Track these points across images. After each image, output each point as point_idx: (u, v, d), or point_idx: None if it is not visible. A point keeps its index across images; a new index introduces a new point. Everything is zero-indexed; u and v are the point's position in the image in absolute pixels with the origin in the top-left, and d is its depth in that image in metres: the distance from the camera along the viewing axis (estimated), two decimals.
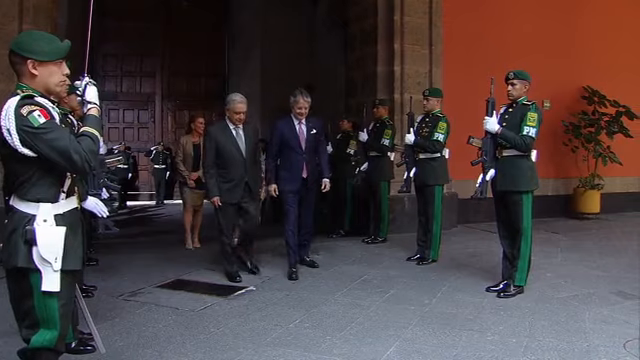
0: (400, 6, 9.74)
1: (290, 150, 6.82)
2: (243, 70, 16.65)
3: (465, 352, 4.39)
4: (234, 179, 6.49)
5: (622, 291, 6.06)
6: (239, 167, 6.50)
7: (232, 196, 6.49)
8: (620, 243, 8.84)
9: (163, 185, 17.56)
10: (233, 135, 6.52)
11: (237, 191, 6.51)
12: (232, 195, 6.49)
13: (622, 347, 4.50)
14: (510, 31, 10.75)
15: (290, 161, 6.85)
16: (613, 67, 11.90)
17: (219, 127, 6.66)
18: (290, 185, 6.83)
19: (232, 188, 6.49)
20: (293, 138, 6.81)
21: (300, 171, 6.83)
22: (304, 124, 6.86)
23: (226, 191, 6.47)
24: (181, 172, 8.79)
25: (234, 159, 6.48)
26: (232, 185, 6.48)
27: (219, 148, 6.46)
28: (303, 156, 6.84)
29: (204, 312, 5.41)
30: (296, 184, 6.82)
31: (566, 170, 11.52)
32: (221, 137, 6.49)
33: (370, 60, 10.07)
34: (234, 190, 6.50)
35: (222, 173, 6.49)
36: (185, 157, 8.76)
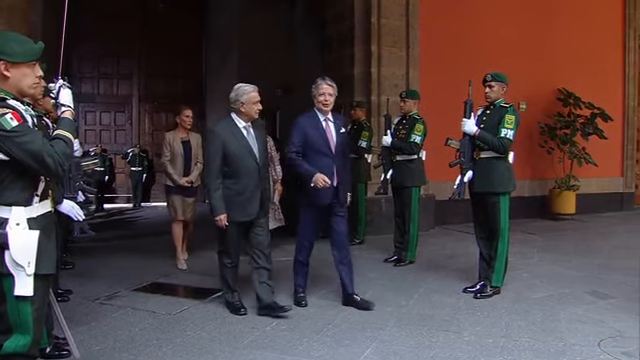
0: (377, 8, 9.77)
1: (316, 153, 5.49)
2: (221, 71, 16.57)
3: (442, 353, 4.42)
4: (246, 190, 5.25)
5: (597, 291, 6.13)
6: (253, 175, 5.27)
7: (244, 212, 5.26)
8: (595, 243, 8.93)
9: (140, 188, 17.45)
10: (244, 135, 5.29)
11: (251, 206, 5.28)
12: (244, 211, 5.26)
13: (597, 346, 4.55)
14: (487, 34, 10.81)
15: (317, 167, 5.43)
16: (588, 69, 12.04)
17: (226, 126, 5.33)
18: (319, 197, 5.48)
19: (244, 202, 5.25)
20: (320, 138, 5.52)
21: (330, 178, 5.44)
22: (331, 120, 5.62)
23: (237, 206, 5.21)
24: (170, 176, 7.46)
25: (247, 166, 5.24)
26: (244, 199, 5.25)
27: (228, 152, 5.17)
28: (334, 160, 5.54)
29: (181, 315, 5.39)
30: (327, 196, 5.48)
31: (542, 171, 11.61)
32: (230, 138, 5.21)
33: (347, 62, 10.09)
34: (247, 205, 5.27)
35: (230, 184, 5.21)
36: (173, 157, 7.46)
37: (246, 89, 5.31)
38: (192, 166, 7.53)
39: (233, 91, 5.34)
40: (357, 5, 9.95)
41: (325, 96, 5.48)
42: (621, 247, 8.63)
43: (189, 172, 7.48)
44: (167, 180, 7.60)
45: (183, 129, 7.61)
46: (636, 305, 5.60)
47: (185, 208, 7.53)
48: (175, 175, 7.40)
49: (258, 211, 5.35)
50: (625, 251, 8.29)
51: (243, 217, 5.29)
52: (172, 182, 7.45)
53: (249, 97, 5.27)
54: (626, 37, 13.03)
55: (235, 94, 5.31)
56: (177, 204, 7.48)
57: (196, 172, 7.53)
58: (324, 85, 5.52)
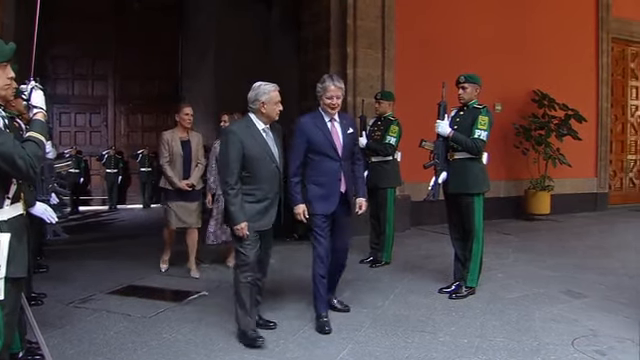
0: (353, 10, 9.78)
1: (322, 157, 5.10)
2: (198, 73, 16.55)
3: (417, 353, 4.44)
4: (267, 198, 4.82)
5: (571, 290, 6.19)
6: (274, 181, 4.86)
7: (264, 221, 4.83)
8: (569, 243, 9.01)
9: (116, 190, 17.38)
10: (263, 137, 4.84)
11: (271, 214, 4.87)
12: (264, 220, 4.83)
13: (570, 345, 4.60)
14: (462, 36, 10.87)
15: (322, 172, 5.11)
16: (562, 71, 12.17)
17: (244, 126, 4.86)
18: (324, 205, 5.09)
19: (264, 210, 4.82)
20: (325, 140, 5.10)
21: (337, 184, 5.12)
22: (337, 121, 5.18)
23: (256, 215, 4.76)
24: (169, 178, 6.95)
25: (268, 170, 4.81)
26: (264, 207, 4.81)
27: (247, 156, 4.71)
28: (340, 164, 5.13)
29: (156, 318, 5.36)
30: (332, 203, 5.10)
31: (517, 172, 11.69)
32: (249, 140, 4.75)
33: (323, 63, 10.08)
34: (267, 213, 4.84)
35: (249, 190, 4.75)
36: (172, 158, 6.97)
37: (267, 88, 4.83)
38: (192, 168, 7.07)
39: (252, 90, 4.86)
40: (333, 7, 9.95)
41: (333, 100, 5.05)
42: (595, 247, 8.72)
43: (189, 174, 7.02)
44: (165, 183, 7.05)
45: (182, 128, 7.08)
46: (609, 304, 5.69)
47: (185, 214, 7.03)
48: (175, 178, 6.91)
49: (274, 219, 4.94)
50: (599, 251, 8.39)
51: (263, 226, 4.83)
52: (171, 185, 6.96)
53: (270, 97, 4.80)
54: (599, 40, 13.21)
55: (255, 93, 4.83)
56: (175, 210, 6.99)
57: (197, 174, 7.10)
58: (332, 87, 5.06)
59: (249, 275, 4.76)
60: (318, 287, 5.14)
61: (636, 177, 14.77)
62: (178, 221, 7.03)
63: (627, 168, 14.58)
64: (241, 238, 4.72)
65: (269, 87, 4.83)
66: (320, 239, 5.11)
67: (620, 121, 14.36)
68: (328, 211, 5.09)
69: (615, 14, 13.33)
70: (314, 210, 5.08)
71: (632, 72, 14.53)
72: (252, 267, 4.77)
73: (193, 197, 7.07)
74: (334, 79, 5.13)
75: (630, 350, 4.50)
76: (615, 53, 13.89)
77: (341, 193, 5.15)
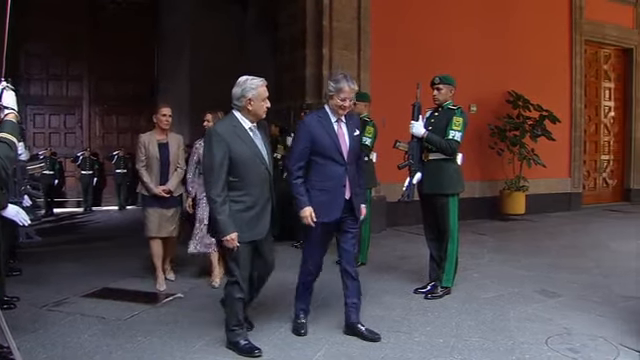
0: (329, 11, 9.79)
1: (326, 160, 4.72)
2: (173, 73, 16.46)
3: (393, 353, 4.45)
4: (257, 204, 4.46)
5: (545, 289, 6.24)
6: (264, 186, 4.50)
7: (254, 230, 4.46)
8: (544, 243, 9.09)
9: (91, 191, 17.20)
10: (251, 137, 4.47)
11: (262, 222, 4.51)
12: (254, 229, 4.45)
13: (544, 343, 4.65)
14: (437, 37, 10.93)
15: (326, 176, 4.74)
16: (536, 73, 12.28)
17: (229, 126, 4.44)
18: (327, 213, 4.72)
19: (255, 218, 4.45)
20: (331, 143, 4.72)
21: (341, 190, 4.76)
22: (343, 122, 4.83)
23: (247, 224, 4.40)
24: (145, 184, 6.53)
25: (257, 174, 4.45)
26: (255, 214, 4.45)
27: (234, 158, 4.33)
28: (346, 168, 4.76)
29: (131, 321, 5.32)
30: (336, 211, 4.74)
31: (492, 172, 11.77)
32: (236, 141, 4.36)
33: (299, 65, 10.09)
34: (258, 221, 4.48)
35: (237, 197, 4.38)
36: (149, 162, 6.54)
37: (254, 83, 4.44)
38: (171, 172, 6.63)
39: (237, 85, 4.47)
40: (309, 8, 9.96)
41: (346, 102, 4.70)
42: (569, 246, 8.80)
43: (167, 179, 6.58)
44: (142, 189, 6.63)
45: (161, 130, 6.62)
46: (583, 303, 5.75)
47: (163, 222, 6.57)
48: (151, 183, 6.48)
49: (268, 228, 4.57)
50: (573, 250, 8.47)
51: (254, 236, 4.45)
52: (147, 191, 6.53)
53: (257, 93, 4.42)
54: (572, 42, 13.36)
55: (241, 89, 4.43)
56: (153, 218, 6.54)
57: (176, 179, 6.64)
58: (347, 88, 4.68)
59: (240, 293, 4.48)
60: (300, 292, 5.02)
61: (609, 177, 14.95)
62: (157, 229, 6.55)
63: (600, 168, 14.76)
64: (232, 251, 4.38)
65: (256, 82, 4.46)
66: (315, 249, 4.86)
67: (593, 122, 14.53)
68: (331, 219, 4.74)
69: (588, 17, 13.49)
70: (317, 217, 4.69)
71: (605, 74, 14.73)
72: (246, 282, 4.51)
73: (171, 203, 6.60)
74: (349, 79, 4.75)
75: (602, 348, 4.56)
76: (588, 55, 14.06)
77: (345, 200, 4.79)
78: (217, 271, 6.62)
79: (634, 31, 14.60)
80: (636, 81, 14.79)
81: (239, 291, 4.48)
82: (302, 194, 4.70)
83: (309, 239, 4.88)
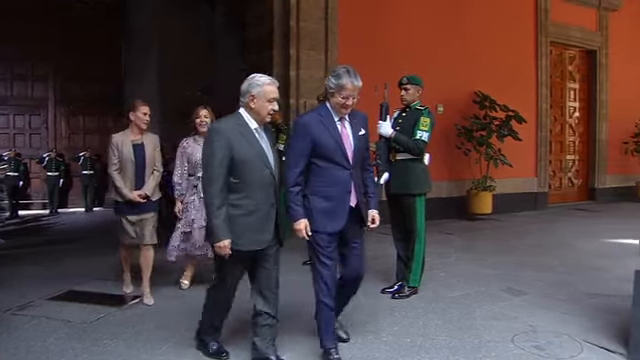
0: (296, 12, 9.81)
1: (329, 163, 4.29)
2: (141, 74, 16.29)
3: (360, 353, 4.47)
4: (260, 210, 4.07)
5: (511, 288, 6.31)
6: (268, 190, 4.11)
7: (255, 238, 4.08)
8: (510, 242, 9.17)
9: (57, 193, 16.97)
10: (256, 138, 4.10)
11: (264, 230, 4.11)
12: (255, 236, 4.08)
13: (510, 341, 4.71)
14: (404, 37, 10.98)
15: (329, 182, 4.31)
16: (503, 73, 12.40)
17: (234, 123, 4.09)
18: (331, 222, 4.29)
19: (257, 225, 4.07)
20: (334, 144, 4.28)
21: (346, 197, 4.34)
22: (347, 120, 4.41)
23: (246, 230, 4.03)
24: (118, 189, 5.96)
25: (261, 177, 4.06)
26: (256, 220, 4.07)
27: (236, 159, 3.98)
28: (351, 173, 4.34)
29: (97, 323, 5.27)
30: (340, 220, 4.31)
31: (459, 172, 11.85)
32: (239, 140, 4.01)
33: (267, 65, 10.04)
34: (260, 228, 4.09)
35: (238, 200, 4.02)
36: (123, 165, 5.97)
37: (261, 80, 4.10)
38: (147, 175, 6.08)
39: (246, 81, 4.14)
40: (276, 8, 9.96)
41: (348, 100, 4.26)
42: (535, 245, 8.90)
43: (142, 183, 6.03)
44: (115, 194, 6.06)
45: (137, 129, 6.06)
46: (548, 300, 5.83)
47: (139, 230, 6.05)
48: (124, 188, 5.92)
49: (272, 237, 4.17)
50: (539, 249, 8.56)
51: (254, 245, 4.07)
52: (120, 197, 5.97)
53: (262, 91, 4.06)
54: (538, 43, 13.54)
55: (247, 85, 4.11)
56: (126, 226, 6.03)
57: (152, 182, 6.10)
58: (349, 85, 4.24)
59: (223, 300, 4.29)
60: (324, 317, 4.38)
61: (575, 177, 15.18)
62: (131, 237, 6.07)
63: (566, 168, 14.98)
64: (222, 258, 4.04)
65: (263, 79, 4.11)
66: (325, 261, 4.30)
67: (559, 122, 14.74)
68: (335, 229, 4.30)
69: (553, 19, 13.68)
70: (317, 227, 4.26)
71: (570, 75, 14.98)
72: (230, 291, 4.28)
73: (147, 209, 6.05)
74: (351, 75, 4.29)
75: (567, 345, 4.64)
76: (554, 56, 14.28)
77: (351, 207, 4.37)
78: (189, 272, 6.57)
79: (597, 33, 14.88)
80: (600, 82, 15.05)
81: (221, 296, 4.31)
82: (297, 204, 4.26)
83: (317, 253, 4.33)
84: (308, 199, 4.30)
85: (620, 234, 9.19)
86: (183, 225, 6.36)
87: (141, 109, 6.05)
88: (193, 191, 6.33)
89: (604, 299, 5.78)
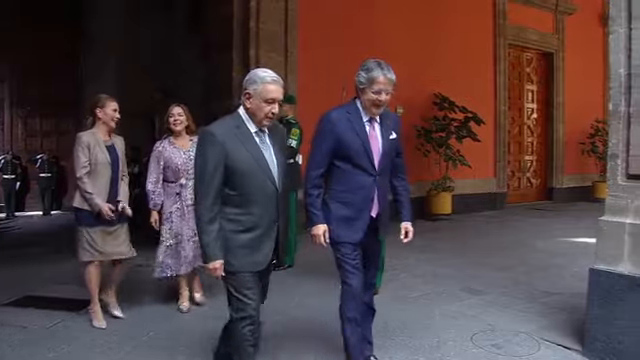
0: (256, 13, 9.81)
1: (352, 167, 3.92)
2: (100, 76, 16.10)
3: (320, 357, 4.46)
4: (258, 226, 3.51)
5: (470, 287, 6.39)
6: (269, 204, 3.54)
7: (252, 259, 3.51)
8: (470, 242, 9.27)
9: (14, 196, 16.72)
10: (256, 144, 3.52)
11: (262, 250, 3.54)
12: (252, 257, 3.51)
13: (469, 340, 4.76)
14: (364, 39, 10.98)
15: (351, 187, 3.94)
16: (462, 76, 12.52)
17: (230, 126, 3.50)
18: (349, 232, 3.93)
19: (254, 244, 3.50)
20: (360, 147, 3.90)
21: (368, 206, 3.96)
22: (377, 122, 4.00)
23: (242, 250, 3.47)
24: (89, 199, 5.15)
25: (261, 189, 3.50)
26: (254, 238, 3.50)
27: (232, 167, 3.41)
28: (375, 179, 3.95)
29: (54, 329, 5.20)
30: (358, 230, 3.94)
31: (419, 173, 11.89)
32: (236, 146, 3.43)
33: (227, 66, 10.03)
34: (259, 248, 3.52)
35: (233, 215, 3.46)
36: (95, 169, 5.20)
37: (261, 76, 3.48)
38: (119, 180, 5.44)
39: (249, 76, 3.57)
40: (236, 10, 9.94)
41: (381, 95, 3.85)
42: (494, 245, 9.00)
43: (116, 192, 5.37)
44: (82, 202, 5.21)
45: (106, 129, 5.36)
46: (506, 299, 5.90)
47: (112, 242, 5.34)
48: (97, 198, 5.14)
49: (270, 259, 3.64)
50: (497, 249, 8.66)
51: (253, 266, 3.52)
52: (91, 207, 5.16)
53: (260, 89, 3.45)
54: (497, 46, 13.74)
55: (245, 80, 3.55)
56: (96, 236, 5.23)
57: (125, 190, 5.50)
58: (381, 77, 3.86)
59: (251, 328, 3.54)
60: (351, 336, 4.04)
61: (533, 177, 15.41)
62: (102, 252, 5.28)
63: (524, 168, 15.20)
64: (239, 282, 3.49)
65: (264, 75, 3.49)
66: (351, 271, 3.95)
67: (517, 123, 14.96)
68: (353, 240, 3.94)
69: (511, 21, 13.87)
70: (337, 237, 3.93)
71: (528, 76, 15.21)
72: (254, 318, 3.55)
73: (119, 218, 5.39)
74: (384, 67, 3.90)
75: (525, 342, 4.71)
76: (512, 58, 14.50)
77: (371, 217, 4.01)
78: (186, 292, 5.82)
79: (554, 36, 15.15)
80: (557, 84, 15.31)
81: (249, 329, 3.53)
82: (317, 208, 3.91)
83: (342, 263, 3.98)
84: (326, 204, 3.96)
85: (576, 233, 9.38)
86: (166, 238, 5.71)
87: (110, 105, 5.35)
88: (176, 199, 5.70)
89: (560, 297, 5.87)
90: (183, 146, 5.73)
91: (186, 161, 5.61)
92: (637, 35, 4.20)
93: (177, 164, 5.62)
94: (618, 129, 4.34)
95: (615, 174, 4.36)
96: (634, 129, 4.22)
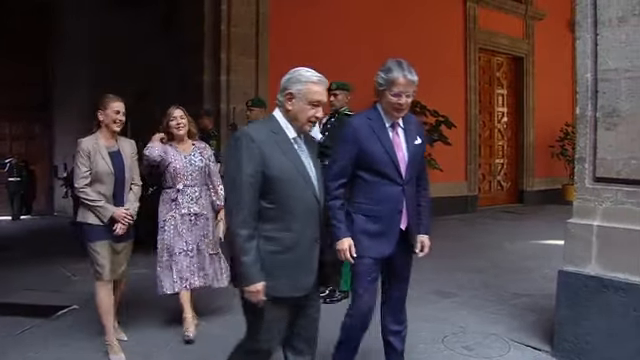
0: (227, 16, 9.80)
1: (377, 177, 3.62)
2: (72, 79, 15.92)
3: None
4: (300, 245, 3.06)
5: (441, 290, 6.44)
6: (311, 219, 3.11)
7: (296, 282, 3.08)
8: (440, 245, 9.19)
9: None
10: (296, 152, 3.12)
11: (307, 271, 3.12)
12: (296, 280, 3.08)
13: (441, 342, 4.82)
14: (335, 43, 11.02)
15: (377, 199, 3.62)
16: (433, 79, 12.51)
17: (266, 130, 3.10)
18: (376, 246, 3.63)
19: (297, 265, 3.07)
20: (384, 154, 3.61)
21: (397, 218, 3.67)
22: (401, 127, 3.73)
23: (284, 271, 3.02)
24: (98, 209, 4.62)
25: (302, 201, 3.07)
26: (297, 258, 3.06)
27: (272, 177, 2.98)
28: (403, 189, 3.66)
29: (22, 336, 5.14)
30: (388, 244, 3.66)
31: None
32: (274, 153, 3.02)
33: (197, 69, 10.02)
34: (301, 269, 3.10)
35: (270, 232, 3.01)
36: (97, 179, 4.66)
37: (305, 75, 3.14)
38: (126, 191, 4.89)
39: (287, 74, 3.22)
40: (207, 13, 9.93)
41: (402, 98, 3.58)
42: (465, 248, 9.07)
43: (122, 201, 4.82)
44: (87, 216, 4.67)
45: (110, 133, 4.82)
46: (477, 301, 5.97)
47: (115, 259, 4.79)
48: (107, 204, 4.66)
49: (315, 280, 3.18)
50: (468, 251, 8.73)
51: (294, 291, 3.07)
52: (100, 218, 4.63)
53: (305, 89, 3.11)
54: (467, 50, 13.85)
55: (286, 79, 3.19)
56: (104, 254, 4.65)
57: (134, 199, 4.93)
58: (401, 79, 3.60)
59: None
60: (343, 350, 3.87)
61: (503, 180, 15.55)
62: (110, 269, 4.72)
63: (495, 171, 15.34)
64: (254, 309, 3.03)
65: (309, 75, 3.14)
66: (359, 291, 3.73)
67: (488, 127, 15.10)
68: (382, 254, 3.67)
69: (481, 26, 14.02)
70: (361, 251, 3.58)
71: (498, 81, 15.36)
72: (271, 355, 3.19)
73: (127, 233, 4.84)
74: (404, 67, 3.65)
75: (495, 344, 4.77)
76: (482, 63, 14.64)
77: (401, 230, 3.72)
78: (190, 316, 5.17)
79: (524, 41, 15.34)
80: (527, 88, 15.49)
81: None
82: (341, 220, 3.55)
83: (357, 280, 3.73)
84: (351, 218, 3.62)
85: (546, 235, 9.47)
86: (159, 249, 5.22)
87: (112, 106, 4.77)
88: (171, 206, 5.19)
89: (530, 299, 5.95)
90: (184, 150, 5.28)
91: (186, 165, 5.19)
92: (603, 41, 4.27)
93: (176, 167, 5.16)
94: (585, 133, 4.41)
95: (583, 177, 4.43)
96: (600, 133, 4.29)
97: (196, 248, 5.19)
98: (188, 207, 5.15)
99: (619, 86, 4.19)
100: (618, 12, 4.19)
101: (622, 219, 4.17)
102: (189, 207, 5.16)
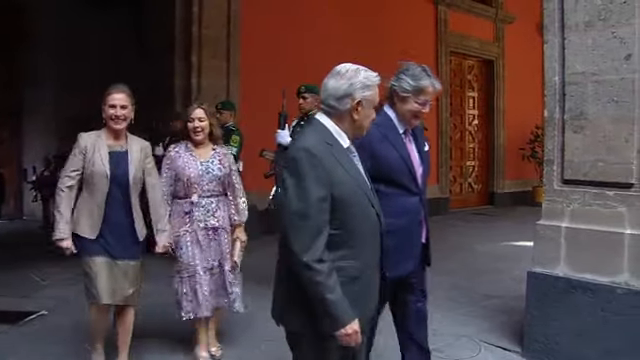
0: (198, 18, 9.76)
1: (395, 188, 3.39)
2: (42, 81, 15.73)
3: None
4: (365, 272, 2.58)
5: None
6: (374, 241, 2.65)
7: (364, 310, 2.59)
8: None
9: None
10: (354, 163, 2.66)
11: (373, 298, 2.71)
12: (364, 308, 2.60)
13: None
14: (307, 46, 11.02)
15: (397, 211, 3.30)
16: None
17: (322, 141, 2.54)
18: (397, 264, 3.22)
19: (364, 293, 2.61)
20: (401, 163, 3.42)
21: (418, 230, 3.58)
22: (410, 133, 3.55)
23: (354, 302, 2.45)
24: (56, 219, 4.11)
25: (366, 221, 2.59)
26: (363, 286, 2.58)
27: (336, 197, 2.45)
28: (420, 199, 3.52)
29: None
30: (410, 259, 3.55)
31: None
32: (337, 170, 2.49)
33: (168, 72, 9.95)
34: (369, 297, 2.67)
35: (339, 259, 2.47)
36: (89, 181, 4.08)
37: (371, 78, 2.69)
38: (133, 200, 4.19)
39: (339, 76, 2.68)
40: (178, 15, 9.89)
41: (425, 107, 3.42)
42: (436, 250, 8.80)
43: (122, 212, 4.16)
44: (77, 226, 4.07)
45: (113, 131, 4.19)
46: (448, 303, 6.00)
47: (119, 279, 4.10)
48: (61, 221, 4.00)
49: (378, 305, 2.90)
50: (439, 253, 8.50)
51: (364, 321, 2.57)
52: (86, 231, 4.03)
53: (373, 95, 2.69)
54: (438, 53, 13.94)
55: (347, 83, 2.62)
56: (100, 272, 4.01)
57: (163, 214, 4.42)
58: (430, 88, 3.43)
59: None
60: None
61: (475, 182, 15.67)
62: (110, 292, 4.05)
63: (466, 174, 15.44)
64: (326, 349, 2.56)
65: (373, 77, 2.71)
66: None
67: (459, 129, 15.20)
68: (405, 271, 3.47)
69: (452, 29, 14.12)
70: None
71: (469, 83, 15.50)
72: None
73: (132, 251, 4.21)
74: (431, 76, 3.44)
75: (466, 345, 4.81)
76: (453, 65, 14.74)
77: (423, 244, 3.61)
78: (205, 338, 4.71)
79: (494, 44, 15.48)
80: (497, 91, 15.63)
81: None
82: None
83: None
84: None
85: (516, 237, 9.54)
86: (179, 269, 4.56)
87: (107, 99, 4.15)
88: (185, 220, 4.56)
89: (500, 300, 5.99)
90: (201, 155, 4.62)
91: (202, 174, 4.53)
92: (570, 45, 4.32)
93: (190, 176, 4.50)
94: (553, 135, 4.46)
95: (551, 179, 4.48)
96: (568, 135, 4.34)
97: (217, 265, 4.62)
98: (205, 221, 4.53)
99: (586, 89, 4.24)
100: (585, 17, 4.24)
101: (589, 220, 4.22)
102: (206, 221, 4.53)
